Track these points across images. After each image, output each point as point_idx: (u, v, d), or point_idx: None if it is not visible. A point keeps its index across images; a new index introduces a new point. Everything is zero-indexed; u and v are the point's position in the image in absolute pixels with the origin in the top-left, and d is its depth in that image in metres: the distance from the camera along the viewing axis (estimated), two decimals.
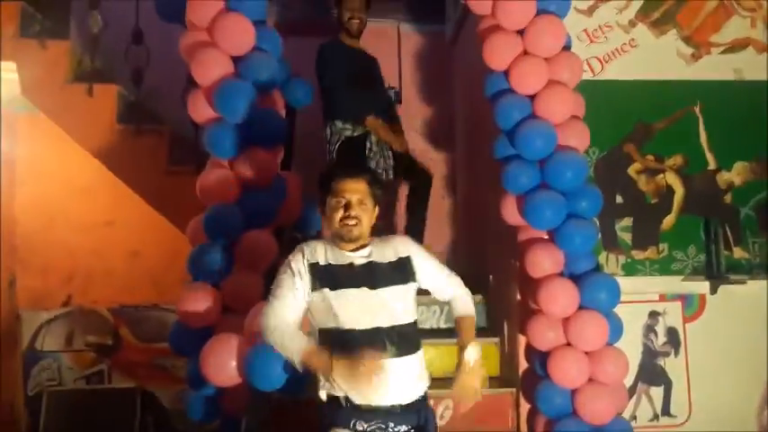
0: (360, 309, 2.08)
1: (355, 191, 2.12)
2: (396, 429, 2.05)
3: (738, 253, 3.40)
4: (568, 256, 2.91)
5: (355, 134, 3.65)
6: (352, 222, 2.10)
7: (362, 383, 1.93)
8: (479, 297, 3.78)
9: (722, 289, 3.30)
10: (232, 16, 2.80)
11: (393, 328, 2.08)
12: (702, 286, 3.33)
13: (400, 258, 2.18)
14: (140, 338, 4.89)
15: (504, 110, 2.94)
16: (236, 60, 2.83)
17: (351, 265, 2.12)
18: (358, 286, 2.09)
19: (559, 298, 2.83)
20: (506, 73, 2.94)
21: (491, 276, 3.84)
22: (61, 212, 4.86)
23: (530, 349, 3.05)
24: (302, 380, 2.34)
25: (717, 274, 3.29)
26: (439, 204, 4.94)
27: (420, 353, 2.18)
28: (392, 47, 5.06)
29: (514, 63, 2.91)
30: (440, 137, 5.05)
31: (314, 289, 2.09)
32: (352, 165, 2.28)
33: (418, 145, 4.52)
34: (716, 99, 3.46)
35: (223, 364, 2.40)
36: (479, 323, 3.60)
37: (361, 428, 2.02)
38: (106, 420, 4.43)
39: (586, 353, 2.83)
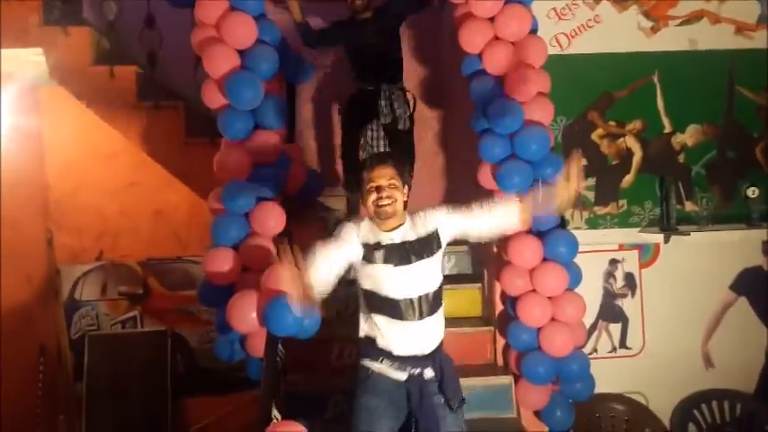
0: (395, 282, 2.47)
1: (384, 175, 2.45)
2: (412, 371, 2.49)
3: (689, 207, 3.85)
4: (534, 216, 3.36)
5: (370, 88, 3.94)
6: (385, 203, 2.44)
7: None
8: (465, 247, 4.27)
9: (674, 239, 3.74)
10: (236, 14, 3.16)
11: (421, 296, 2.49)
12: (657, 237, 3.78)
13: (428, 234, 2.52)
14: (167, 287, 5.42)
15: (478, 89, 3.34)
16: (241, 53, 3.21)
17: (388, 245, 2.48)
18: (395, 264, 2.46)
19: (525, 252, 3.29)
20: (479, 56, 3.33)
21: None
22: (88, 177, 5.33)
23: (503, 294, 3.53)
24: (312, 326, 2.86)
25: (669, 225, 3.73)
26: (432, 159, 5.32)
27: (440, 311, 2.57)
28: None
29: (486, 47, 3.29)
30: (432, 95, 5.36)
31: (362, 260, 2.47)
32: (380, 154, 2.55)
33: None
34: (672, 68, 3.83)
35: (245, 315, 2.87)
36: (465, 270, 4.15)
37: (387, 364, 2.49)
38: (141, 359, 4.98)
39: (549, 297, 3.30)
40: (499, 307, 3.64)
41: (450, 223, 2.58)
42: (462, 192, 5.01)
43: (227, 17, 3.17)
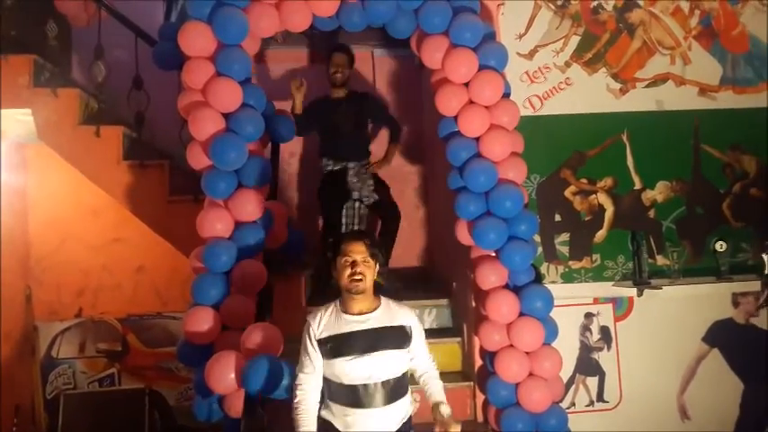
0: (356, 369, 2.51)
1: (359, 251, 2.56)
2: None
3: (661, 261, 3.95)
4: (511, 271, 3.43)
5: (336, 168, 4.37)
6: (358, 278, 2.54)
7: None
8: (445, 301, 4.32)
9: (647, 292, 3.82)
10: (222, 80, 3.26)
11: (384, 383, 2.53)
12: (630, 290, 3.84)
13: (402, 326, 2.60)
14: (146, 344, 5.38)
15: (454, 150, 3.46)
16: (226, 116, 3.30)
17: (350, 333, 2.55)
18: (359, 353, 2.51)
19: (502, 307, 3.36)
20: (455, 118, 3.46)
21: (454, 283, 4.35)
22: (72, 233, 5.35)
23: (482, 349, 3.57)
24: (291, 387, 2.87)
25: (642, 279, 3.82)
26: (413, 214, 5.43)
27: (406, 398, 2.62)
28: (368, 70, 5.56)
29: (461, 111, 3.42)
30: (413, 151, 5.51)
31: (324, 357, 2.55)
32: (358, 231, 2.66)
33: (394, 159, 4.86)
34: (641, 127, 3.98)
35: (224, 376, 2.89)
36: (445, 324, 4.20)
37: None
38: (118, 418, 4.92)
39: (526, 352, 3.36)
40: (478, 362, 3.68)
41: (415, 336, 2.66)
42: (440, 246, 5.12)
43: (214, 82, 3.26)
